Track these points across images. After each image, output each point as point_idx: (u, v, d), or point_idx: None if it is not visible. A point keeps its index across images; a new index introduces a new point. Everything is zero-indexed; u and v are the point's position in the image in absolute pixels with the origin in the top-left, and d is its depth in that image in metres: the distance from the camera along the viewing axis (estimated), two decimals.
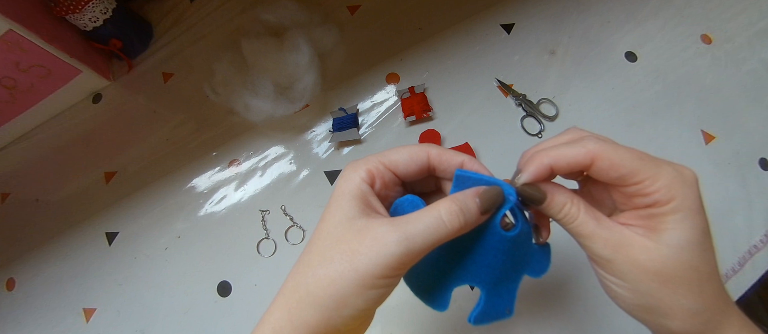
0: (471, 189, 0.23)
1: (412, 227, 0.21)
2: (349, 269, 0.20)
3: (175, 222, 0.49)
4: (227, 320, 0.45)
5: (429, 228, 0.21)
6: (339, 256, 0.21)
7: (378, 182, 0.24)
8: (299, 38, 0.50)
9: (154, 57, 0.57)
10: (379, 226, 0.21)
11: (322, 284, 0.21)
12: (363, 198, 0.23)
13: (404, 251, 0.20)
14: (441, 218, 0.21)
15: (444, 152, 0.24)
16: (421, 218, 0.21)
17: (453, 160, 0.24)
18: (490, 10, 0.55)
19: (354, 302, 0.21)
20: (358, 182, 0.23)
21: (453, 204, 0.21)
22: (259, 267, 0.46)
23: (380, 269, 0.20)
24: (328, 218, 0.23)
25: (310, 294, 0.21)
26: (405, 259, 0.20)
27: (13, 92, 0.49)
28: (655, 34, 0.53)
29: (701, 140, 0.48)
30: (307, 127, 0.52)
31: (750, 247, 0.44)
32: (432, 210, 0.21)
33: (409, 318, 0.42)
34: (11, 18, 0.42)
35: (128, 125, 0.54)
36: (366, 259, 0.20)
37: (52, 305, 0.47)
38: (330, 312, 0.21)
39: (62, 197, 0.52)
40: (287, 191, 0.49)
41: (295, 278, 0.22)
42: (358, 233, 0.21)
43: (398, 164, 0.24)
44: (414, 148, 0.24)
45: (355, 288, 0.20)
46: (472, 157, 0.25)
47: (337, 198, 0.23)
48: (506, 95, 0.51)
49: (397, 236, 0.20)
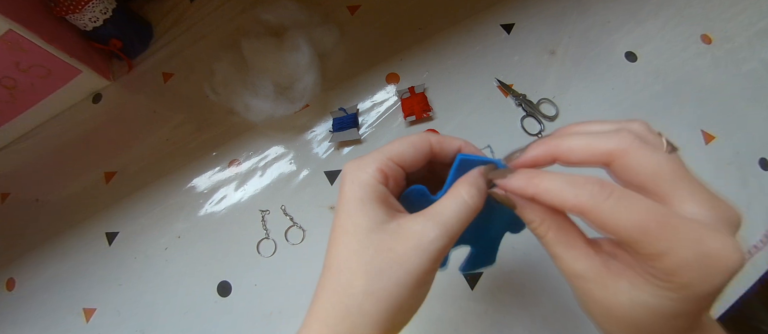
0: (476, 169, 0.23)
1: (446, 216, 0.21)
2: (404, 274, 0.20)
3: (175, 222, 0.49)
4: (227, 320, 0.45)
5: (459, 212, 0.21)
6: (388, 265, 0.20)
7: (391, 180, 0.23)
8: (299, 38, 0.50)
9: (154, 57, 0.57)
10: (414, 223, 0.21)
11: (378, 299, 0.20)
12: (384, 200, 0.22)
13: (447, 241, 0.21)
14: (465, 200, 0.22)
15: (443, 139, 0.24)
16: (448, 205, 0.22)
17: (452, 145, 0.24)
18: (490, 10, 0.55)
19: (409, 304, 0.21)
20: (373, 183, 0.22)
21: (471, 187, 0.22)
22: (259, 267, 0.46)
23: (429, 264, 0.20)
24: (351, 230, 0.21)
25: (366, 314, 0.20)
26: (447, 247, 0.21)
27: (13, 92, 0.49)
28: (655, 34, 0.53)
29: (701, 140, 0.48)
30: (307, 127, 0.52)
31: (750, 247, 0.44)
32: (455, 196, 0.22)
33: None
34: (11, 18, 0.42)
35: (128, 125, 0.54)
36: (416, 259, 0.20)
37: (52, 305, 0.47)
38: (388, 324, 0.20)
39: (62, 197, 0.52)
40: (287, 191, 0.49)
41: (340, 304, 0.21)
42: (395, 235, 0.21)
43: (405, 157, 0.23)
44: (415, 139, 0.24)
45: (411, 291, 0.20)
46: (468, 141, 0.25)
47: (355, 204, 0.22)
48: (506, 95, 0.51)
49: (437, 229, 0.21)
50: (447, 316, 0.43)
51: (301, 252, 0.46)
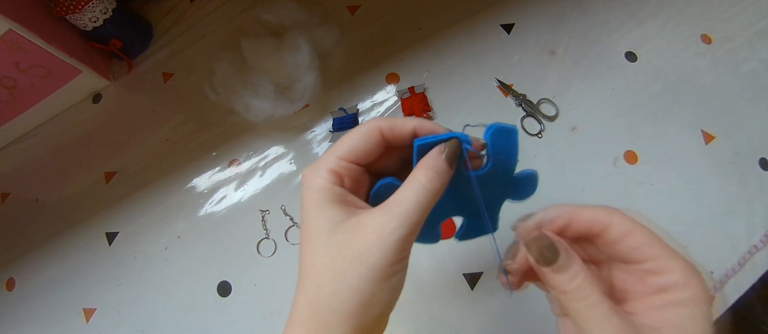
0: (435, 149, 0.23)
1: (404, 206, 0.21)
2: (366, 270, 0.20)
3: (175, 222, 0.49)
4: (227, 320, 0.45)
5: (418, 200, 0.21)
6: (349, 263, 0.21)
7: (346, 180, 0.23)
8: (299, 38, 0.50)
9: (154, 57, 0.57)
10: (372, 218, 0.21)
11: (345, 297, 0.20)
12: (341, 200, 0.22)
13: (407, 231, 0.21)
14: (423, 186, 0.21)
15: (393, 122, 0.24)
16: (406, 194, 0.21)
17: (405, 127, 0.24)
18: (490, 10, 0.55)
19: (380, 297, 0.21)
20: (327, 186, 0.22)
21: (428, 170, 0.22)
22: (259, 267, 0.46)
23: (392, 256, 0.20)
24: (313, 233, 0.22)
25: (336, 313, 0.21)
26: (410, 237, 0.21)
27: (13, 92, 0.49)
28: (655, 34, 0.53)
29: (701, 140, 0.48)
30: (307, 127, 0.52)
31: (750, 247, 0.44)
32: (413, 182, 0.22)
33: (410, 318, 0.43)
34: (11, 18, 0.42)
35: (128, 125, 0.54)
36: (377, 253, 0.20)
37: (52, 305, 0.47)
38: (359, 320, 0.21)
39: (62, 197, 0.52)
40: (287, 191, 0.49)
41: (311, 305, 0.21)
42: (354, 233, 0.21)
43: (355, 151, 0.23)
44: (363, 129, 0.23)
45: (377, 285, 0.20)
46: (422, 119, 0.24)
47: (313, 209, 0.22)
48: (506, 95, 0.51)
49: (395, 221, 0.21)
50: (447, 316, 0.43)
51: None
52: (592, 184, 0.47)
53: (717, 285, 0.43)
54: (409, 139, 0.24)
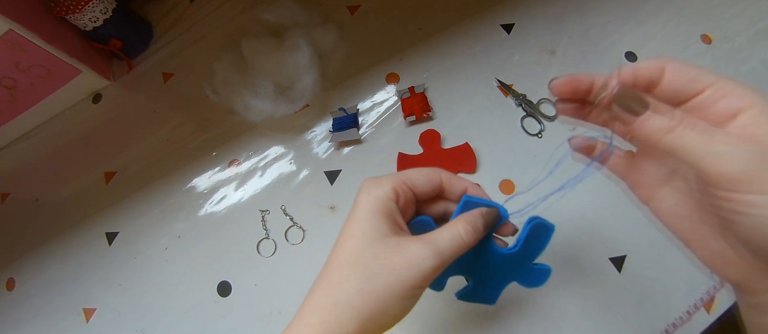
0: (476, 209, 0.26)
1: (441, 244, 0.24)
2: (394, 281, 0.23)
3: (175, 222, 0.49)
4: (227, 320, 0.45)
5: (453, 243, 0.24)
6: (381, 270, 0.23)
7: (402, 199, 0.26)
8: (299, 38, 0.50)
9: (154, 57, 0.57)
10: (412, 243, 0.24)
11: (367, 298, 0.23)
12: (392, 216, 0.25)
13: (437, 264, 0.24)
14: (459, 234, 0.25)
15: (453, 177, 0.28)
16: (444, 235, 0.25)
17: (459, 185, 0.28)
18: (490, 10, 0.55)
19: (393, 311, 0.23)
20: (385, 199, 0.25)
21: (467, 224, 0.25)
22: (259, 267, 0.46)
23: (418, 281, 0.23)
24: (359, 234, 0.24)
25: (353, 309, 0.23)
26: (437, 270, 0.24)
27: (13, 92, 0.49)
28: (655, 34, 0.53)
29: None
30: (307, 127, 0.52)
31: None
32: (452, 229, 0.25)
33: (411, 318, 0.42)
34: (11, 18, 0.42)
35: (128, 125, 0.54)
36: (407, 272, 0.23)
37: (52, 305, 0.47)
38: (369, 323, 0.23)
39: (62, 197, 0.52)
40: (287, 191, 0.49)
41: (332, 296, 0.23)
42: (394, 249, 0.24)
43: (417, 184, 0.27)
44: (428, 171, 0.27)
45: (396, 299, 0.23)
46: (475, 184, 0.28)
47: (366, 213, 0.24)
48: (506, 95, 0.51)
49: (431, 252, 0.24)
50: (447, 316, 0.43)
51: (301, 252, 0.46)
52: (593, 184, 0.47)
53: (718, 285, 0.43)
54: (459, 195, 0.27)
